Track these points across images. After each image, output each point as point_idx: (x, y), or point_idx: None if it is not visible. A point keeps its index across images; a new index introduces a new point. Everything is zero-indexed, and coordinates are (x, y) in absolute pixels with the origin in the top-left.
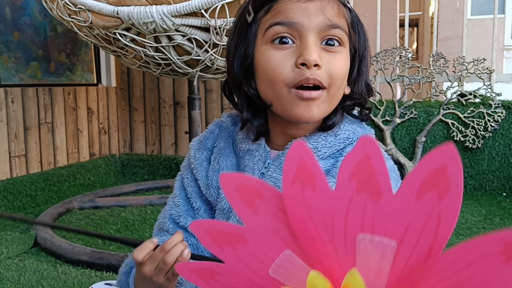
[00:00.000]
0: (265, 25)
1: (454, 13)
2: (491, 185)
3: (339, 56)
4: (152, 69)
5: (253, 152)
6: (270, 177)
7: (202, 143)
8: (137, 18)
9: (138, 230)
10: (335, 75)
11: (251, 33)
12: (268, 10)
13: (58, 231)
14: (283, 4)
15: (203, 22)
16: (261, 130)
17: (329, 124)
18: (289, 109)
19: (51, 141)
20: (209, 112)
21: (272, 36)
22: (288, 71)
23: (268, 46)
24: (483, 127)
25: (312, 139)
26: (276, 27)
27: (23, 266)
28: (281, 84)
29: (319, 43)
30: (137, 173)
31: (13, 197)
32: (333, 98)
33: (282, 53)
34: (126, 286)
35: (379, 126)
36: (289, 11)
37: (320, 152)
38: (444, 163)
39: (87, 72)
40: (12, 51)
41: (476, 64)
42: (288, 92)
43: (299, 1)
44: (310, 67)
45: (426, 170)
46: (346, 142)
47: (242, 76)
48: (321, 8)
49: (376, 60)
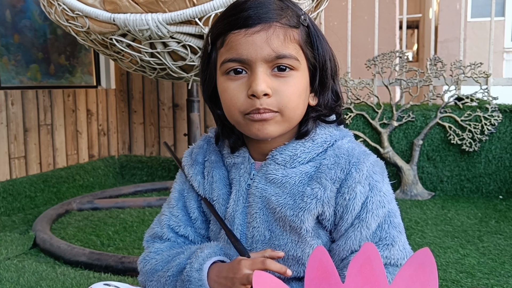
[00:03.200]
0: (221, 58)
1: (454, 15)
2: (488, 188)
3: (291, 81)
4: (148, 73)
5: (238, 165)
6: (256, 188)
7: (193, 159)
8: (133, 25)
9: (137, 231)
10: (285, 100)
11: (212, 62)
12: (222, 43)
13: (57, 232)
14: (233, 38)
15: (197, 30)
16: (235, 146)
17: (303, 132)
18: (246, 130)
19: (50, 142)
20: (207, 114)
21: (227, 69)
22: (242, 102)
23: (224, 77)
24: (480, 130)
25: (290, 146)
26: (229, 63)
27: (22, 267)
28: (237, 112)
29: (269, 71)
30: (136, 175)
31: (12, 198)
32: (289, 118)
33: (236, 83)
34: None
35: (376, 129)
36: (238, 47)
37: (300, 158)
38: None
39: (87, 74)
40: (12, 54)
41: (473, 68)
42: (243, 117)
43: (245, 35)
44: (259, 97)
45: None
46: (325, 145)
47: (209, 100)
48: (266, 40)
49: (374, 64)
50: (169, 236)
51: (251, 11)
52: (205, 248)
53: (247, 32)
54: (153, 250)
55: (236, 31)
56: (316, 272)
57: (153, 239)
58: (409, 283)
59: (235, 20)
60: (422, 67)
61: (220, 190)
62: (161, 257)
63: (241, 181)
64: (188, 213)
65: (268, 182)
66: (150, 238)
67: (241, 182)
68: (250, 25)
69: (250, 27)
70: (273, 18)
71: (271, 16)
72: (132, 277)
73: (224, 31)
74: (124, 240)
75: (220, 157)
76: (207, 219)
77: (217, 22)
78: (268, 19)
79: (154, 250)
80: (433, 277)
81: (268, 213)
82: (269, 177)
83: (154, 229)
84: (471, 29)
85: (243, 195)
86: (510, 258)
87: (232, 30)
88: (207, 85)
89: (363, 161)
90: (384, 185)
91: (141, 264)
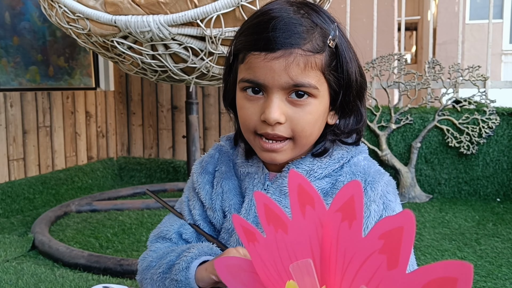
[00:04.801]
0: (240, 74)
1: (452, 18)
2: (485, 190)
3: (307, 108)
4: (149, 76)
5: (252, 175)
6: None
7: (204, 168)
8: (134, 27)
9: (135, 233)
10: (299, 128)
11: (233, 72)
12: (243, 59)
13: (55, 234)
14: (253, 60)
15: (199, 32)
16: (250, 151)
17: (320, 152)
18: (256, 151)
19: (49, 144)
20: (206, 116)
21: (244, 86)
22: (255, 122)
23: (242, 94)
24: (478, 133)
25: (307, 161)
26: (246, 83)
27: (21, 269)
28: (250, 131)
29: (285, 97)
30: (135, 177)
31: (11, 200)
32: (302, 144)
33: (252, 104)
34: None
35: (374, 132)
36: (256, 70)
37: (316, 173)
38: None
39: (86, 76)
40: (11, 56)
41: (471, 71)
42: (254, 138)
43: (265, 60)
44: (271, 124)
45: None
46: (341, 161)
47: (230, 108)
48: (285, 68)
49: (372, 67)
50: (172, 237)
51: (274, 33)
52: (195, 247)
53: (267, 57)
54: (152, 249)
55: (256, 53)
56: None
57: (156, 238)
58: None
59: (256, 40)
60: (420, 69)
61: (231, 200)
62: (156, 255)
63: (254, 191)
64: (195, 221)
65: (283, 194)
66: (154, 237)
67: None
68: (271, 50)
69: (271, 52)
70: (295, 44)
71: (294, 42)
72: (131, 279)
73: (245, 49)
74: (123, 242)
75: (231, 167)
76: (214, 228)
77: (241, 35)
78: (290, 45)
79: (154, 249)
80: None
81: None
82: (284, 189)
83: (160, 229)
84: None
85: (256, 205)
86: (507, 261)
87: (252, 51)
88: (228, 92)
89: (378, 180)
90: (396, 205)
91: (139, 263)
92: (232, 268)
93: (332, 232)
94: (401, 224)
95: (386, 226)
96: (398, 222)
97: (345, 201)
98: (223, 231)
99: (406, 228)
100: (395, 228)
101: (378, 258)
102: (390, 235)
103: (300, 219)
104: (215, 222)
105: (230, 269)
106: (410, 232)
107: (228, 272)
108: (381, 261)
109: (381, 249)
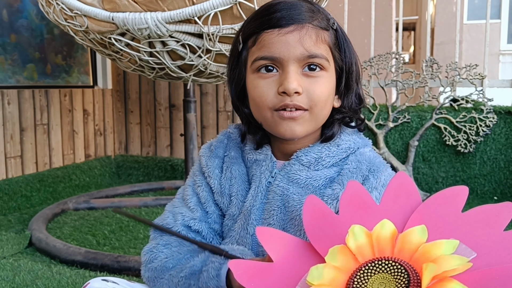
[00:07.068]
0: (252, 56)
1: (450, 18)
2: (483, 189)
3: (320, 80)
4: (147, 73)
5: (260, 162)
6: (278, 186)
7: (213, 152)
8: (132, 24)
9: (133, 231)
10: (315, 98)
11: (242, 61)
12: (254, 41)
13: (52, 232)
14: (266, 37)
15: (196, 29)
16: (261, 142)
17: (329, 135)
18: (274, 128)
19: (46, 142)
20: (204, 115)
21: (258, 66)
22: (271, 98)
23: (255, 75)
24: (475, 132)
25: (316, 149)
26: (261, 61)
27: (18, 266)
28: (266, 108)
29: (300, 70)
30: (132, 175)
31: (8, 197)
32: (317, 117)
33: (267, 81)
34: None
35: (372, 130)
36: (271, 46)
37: (324, 162)
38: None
39: (83, 74)
40: (8, 53)
41: (468, 70)
42: (271, 114)
43: (279, 35)
44: (290, 95)
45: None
46: (348, 151)
47: (236, 99)
48: (299, 39)
49: (370, 65)
50: (180, 230)
51: (284, 11)
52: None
53: (281, 32)
54: (161, 242)
55: (270, 30)
56: (351, 199)
57: (160, 232)
58: (395, 198)
59: (268, 20)
60: (418, 69)
61: (239, 186)
62: (170, 253)
63: (261, 178)
64: (204, 207)
65: (290, 181)
66: (157, 232)
67: (261, 179)
68: (284, 25)
69: (284, 27)
70: (305, 20)
71: (304, 17)
72: (128, 276)
73: (257, 30)
74: (120, 240)
75: (240, 153)
76: (222, 213)
77: (249, 23)
78: (301, 20)
79: (163, 242)
80: (413, 191)
81: (286, 212)
82: (292, 176)
83: (165, 220)
84: (467, 31)
85: (262, 192)
86: None
87: (265, 29)
88: (236, 83)
89: (382, 170)
90: None
91: (146, 255)
92: (249, 271)
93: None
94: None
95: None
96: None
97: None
98: (227, 217)
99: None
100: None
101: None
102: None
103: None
104: (222, 207)
105: (247, 273)
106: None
107: (247, 277)
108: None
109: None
